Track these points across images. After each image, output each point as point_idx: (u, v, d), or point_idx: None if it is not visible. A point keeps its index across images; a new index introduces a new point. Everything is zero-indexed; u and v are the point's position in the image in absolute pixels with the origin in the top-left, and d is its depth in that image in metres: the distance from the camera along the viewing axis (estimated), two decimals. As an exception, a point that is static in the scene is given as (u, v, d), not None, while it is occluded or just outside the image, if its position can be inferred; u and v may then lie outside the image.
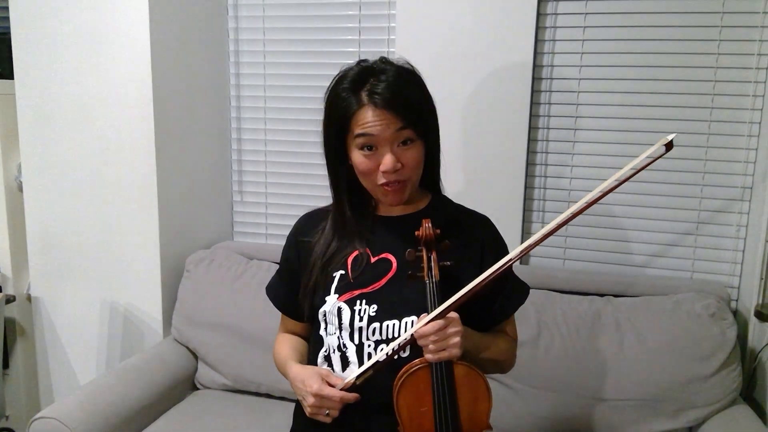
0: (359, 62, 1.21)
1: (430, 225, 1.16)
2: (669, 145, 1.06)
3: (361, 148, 1.17)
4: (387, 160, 1.15)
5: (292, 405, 1.38)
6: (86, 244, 2.08)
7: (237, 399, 1.98)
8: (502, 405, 1.76)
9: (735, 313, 1.87)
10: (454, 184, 2.01)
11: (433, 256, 1.15)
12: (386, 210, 1.29)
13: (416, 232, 1.16)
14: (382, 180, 1.17)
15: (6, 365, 2.25)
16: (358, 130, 1.16)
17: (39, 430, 1.60)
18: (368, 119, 1.14)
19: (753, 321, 1.79)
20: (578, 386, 1.71)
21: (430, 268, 1.14)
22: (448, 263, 1.15)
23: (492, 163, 1.99)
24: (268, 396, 1.98)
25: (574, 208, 1.09)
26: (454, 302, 1.09)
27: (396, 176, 1.17)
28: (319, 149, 2.20)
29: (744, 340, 1.82)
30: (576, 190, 2.01)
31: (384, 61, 1.21)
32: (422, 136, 1.19)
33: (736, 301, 1.91)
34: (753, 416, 1.65)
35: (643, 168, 1.07)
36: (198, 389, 2.06)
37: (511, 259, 1.09)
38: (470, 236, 1.26)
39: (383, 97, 1.14)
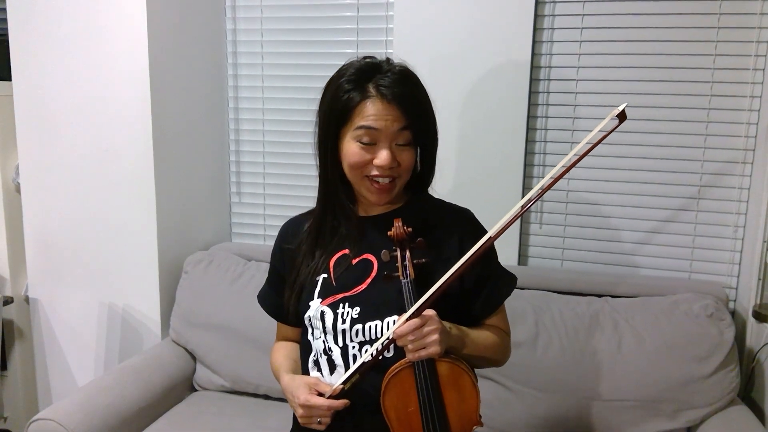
0: (364, 57, 1.19)
1: (401, 224, 1.15)
2: (621, 116, 1.04)
3: (359, 140, 1.14)
4: (384, 156, 1.13)
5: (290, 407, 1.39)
6: (84, 245, 2.08)
7: (235, 400, 1.97)
8: (499, 406, 1.76)
9: (733, 313, 1.87)
10: (451, 182, 2.00)
11: (407, 254, 1.14)
12: (365, 210, 1.27)
13: (388, 233, 1.15)
14: (373, 172, 1.16)
15: (4, 367, 2.25)
16: (361, 122, 1.13)
17: (37, 432, 1.60)
18: (374, 112, 1.12)
19: (751, 321, 1.80)
20: (576, 387, 1.71)
21: (404, 267, 1.13)
22: (423, 260, 1.14)
23: (490, 162, 1.99)
24: (266, 397, 1.98)
25: (536, 188, 1.09)
26: (427, 298, 1.07)
27: (390, 173, 1.16)
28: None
29: (742, 340, 1.82)
30: (574, 179, 2.00)
31: (389, 60, 1.19)
32: (418, 141, 1.18)
33: (734, 301, 1.92)
34: (751, 416, 1.65)
35: (598, 142, 1.06)
36: (196, 390, 2.06)
37: (476, 250, 1.07)
38: (448, 231, 1.23)
39: (393, 92, 1.12)
